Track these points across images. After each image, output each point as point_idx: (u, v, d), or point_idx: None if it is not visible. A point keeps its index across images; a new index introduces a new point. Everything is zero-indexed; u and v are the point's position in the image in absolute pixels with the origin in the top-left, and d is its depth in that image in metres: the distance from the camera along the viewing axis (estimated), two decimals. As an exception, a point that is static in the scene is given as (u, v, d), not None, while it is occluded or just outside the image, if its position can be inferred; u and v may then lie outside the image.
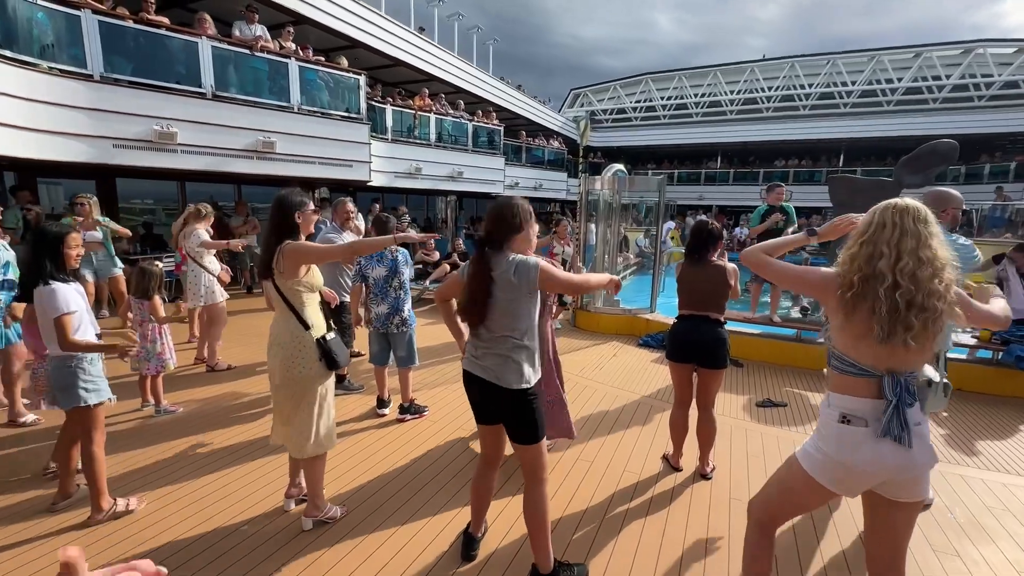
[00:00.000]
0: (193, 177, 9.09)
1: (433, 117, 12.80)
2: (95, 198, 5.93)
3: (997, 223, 13.97)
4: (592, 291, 2.15)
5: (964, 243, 3.38)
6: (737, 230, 20.43)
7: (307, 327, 2.34)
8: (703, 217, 3.02)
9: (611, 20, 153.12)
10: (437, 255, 9.39)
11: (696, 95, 26.25)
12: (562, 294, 6.41)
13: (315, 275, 2.43)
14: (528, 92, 21.27)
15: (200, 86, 7.23)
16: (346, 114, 9.43)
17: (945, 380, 1.50)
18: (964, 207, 3.12)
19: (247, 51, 7.76)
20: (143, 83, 6.68)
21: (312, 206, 2.48)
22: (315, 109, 8.87)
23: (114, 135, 6.41)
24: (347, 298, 4.23)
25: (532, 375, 2.01)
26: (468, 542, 2.33)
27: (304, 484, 2.64)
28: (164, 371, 3.75)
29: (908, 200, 1.47)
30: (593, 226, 6.94)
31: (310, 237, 2.50)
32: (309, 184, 9.81)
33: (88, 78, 6.18)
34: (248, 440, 3.40)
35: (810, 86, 24.07)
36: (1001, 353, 4.78)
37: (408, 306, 3.75)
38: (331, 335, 2.42)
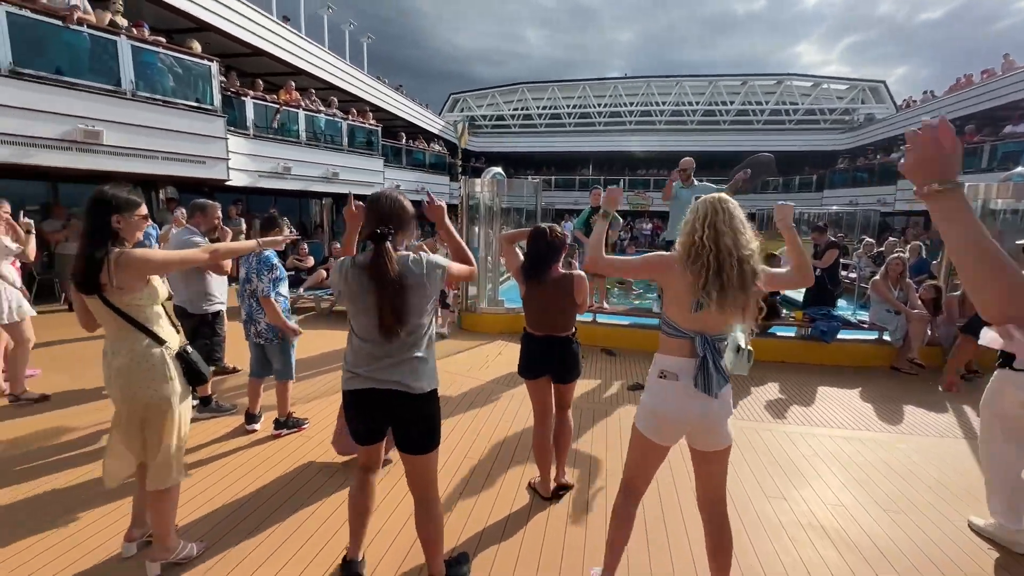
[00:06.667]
0: (-15, 171, 7.37)
1: (303, 113, 11.94)
2: None
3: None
4: (469, 270, 2.12)
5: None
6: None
7: (161, 342, 2.04)
8: (542, 225, 2.71)
9: (484, 31, 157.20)
10: (311, 261, 8.75)
11: (568, 106, 28.05)
12: (445, 297, 6.41)
13: (156, 286, 2.09)
14: (407, 94, 20.88)
15: (-10, 59, 5.90)
16: (196, 104, 8.38)
17: (750, 348, 1.79)
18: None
19: (58, 22, 6.51)
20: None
21: (143, 210, 2.11)
22: (155, 96, 7.75)
23: None
24: (215, 308, 3.92)
25: (435, 374, 1.96)
26: (348, 570, 2.13)
27: (149, 523, 2.28)
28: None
29: (721, 194, 1.81)
30: (476, 229, 7.02)
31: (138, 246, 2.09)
32: (152, 182, 8.54)
33: None
34: (72, 483, 2.83)
35: (664, 103, 27.14)
36: (809, 329, 5.83)
37: (263, 317, 3.36)
38: (190, 348, 2.19)
